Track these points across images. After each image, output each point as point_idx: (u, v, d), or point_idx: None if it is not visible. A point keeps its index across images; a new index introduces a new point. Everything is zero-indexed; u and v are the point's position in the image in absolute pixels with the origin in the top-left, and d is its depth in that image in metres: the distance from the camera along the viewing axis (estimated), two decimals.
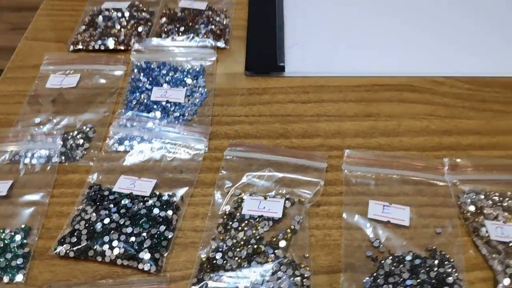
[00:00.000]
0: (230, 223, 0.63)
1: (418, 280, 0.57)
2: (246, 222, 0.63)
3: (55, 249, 0.60)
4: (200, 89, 0.80)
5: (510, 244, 0.61)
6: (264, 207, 0.64)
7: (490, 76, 0.84)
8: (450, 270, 0.59)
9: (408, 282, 0.57)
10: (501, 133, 0.75)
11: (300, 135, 0.75)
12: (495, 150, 0.73)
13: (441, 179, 0.68)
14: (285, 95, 0.81)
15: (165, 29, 0.90)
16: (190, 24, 0.91)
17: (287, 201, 0.65)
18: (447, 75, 0.84)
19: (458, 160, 0.70)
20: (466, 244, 0.62)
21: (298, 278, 0.58)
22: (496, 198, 0.66)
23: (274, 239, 0.62)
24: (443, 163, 0.70)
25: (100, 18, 0.92)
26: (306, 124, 0.76)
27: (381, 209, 0.65)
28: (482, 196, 0.66)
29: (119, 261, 0.59)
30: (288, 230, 0.62)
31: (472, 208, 0.65)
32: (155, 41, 0.87)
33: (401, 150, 0.73)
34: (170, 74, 0.82)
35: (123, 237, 0.60)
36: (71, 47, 0.88)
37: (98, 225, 0.61)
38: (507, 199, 0.66)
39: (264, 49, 0.87)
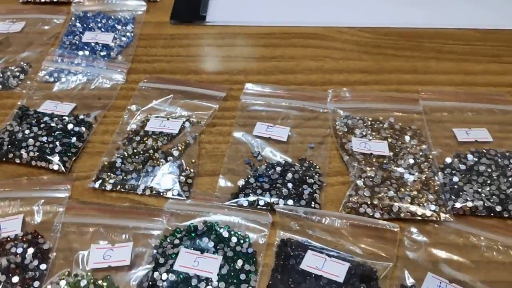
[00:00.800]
0: (134, 137, 0.74)
1: (284, 180, 0.68)
2: (147, 137, 0.74)
3: None
4: (128, 33, 0.91)
5: (372, 156, 0.71)
6: (165, 126, 0.75)
7: (390, 27, 0.94)
8: (313, 174, 0.69)
9: (275, 181, 0.68)
10: (387, 72, 0.85)
11: (210, 72, 0.85)
12: (378, 85, 0.83)
13: (323, 107, 0.79)
14: (203, 40, 0.92)
15: None
16: None
17: (186, 122, 0.76)
18: (353, 26, 0.94)
19: (341, 91, 0.80)
20: (334, 156, 0.73)
21: (183, 178, 0.69)
22: (369, 122, 0.77)
23: (170, 150, 0.72)
24: (327, 94, 0.80)
25: None
26: (216, 63, 0.87)
27: (265, 128, 0.75)
28: (356, 120, 0.77)
29: (33, 162, 0.70)
30: (183, 143, 0.73)
31: (344, 128, 0.75)
32: None
33: (295, 85, 0.83)
34: (103, 21, 0.93)
35: (38, 144, 0.71)
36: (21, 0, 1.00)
37: (19, 135, 0.72)
38: (378, 122, 0.76)
39: (189, 1, 0.98)
